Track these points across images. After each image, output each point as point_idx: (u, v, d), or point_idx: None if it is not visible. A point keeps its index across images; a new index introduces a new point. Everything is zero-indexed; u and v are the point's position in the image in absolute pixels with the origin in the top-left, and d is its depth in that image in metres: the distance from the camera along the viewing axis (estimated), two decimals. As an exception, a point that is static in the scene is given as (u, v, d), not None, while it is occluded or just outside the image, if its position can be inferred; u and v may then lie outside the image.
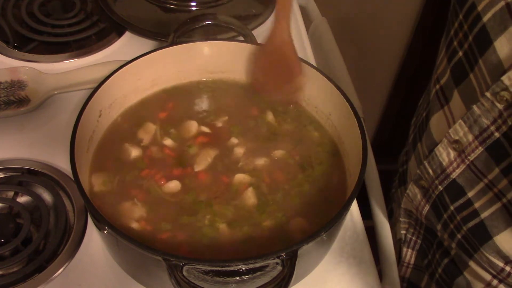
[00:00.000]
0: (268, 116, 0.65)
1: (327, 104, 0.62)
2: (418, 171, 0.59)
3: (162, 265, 0.43)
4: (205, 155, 0.60)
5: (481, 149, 0.49)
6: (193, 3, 0.83)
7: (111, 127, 0.62)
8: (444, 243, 0.61)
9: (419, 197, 0.60)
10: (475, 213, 0.52)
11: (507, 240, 0.50)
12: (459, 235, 0.55)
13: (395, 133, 1.49)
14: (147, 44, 0.80)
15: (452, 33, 0.53)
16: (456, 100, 0.52)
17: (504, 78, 0.44)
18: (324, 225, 0.46)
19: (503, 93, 0.44)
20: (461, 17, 0.50)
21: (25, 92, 0.71)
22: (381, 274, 0.63)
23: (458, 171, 0.53)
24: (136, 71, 0.62)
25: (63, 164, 0.63)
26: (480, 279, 0.56)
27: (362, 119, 0.56)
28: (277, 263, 0.44)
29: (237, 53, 0.65)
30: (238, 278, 0.44)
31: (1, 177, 0.61)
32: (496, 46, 0.45)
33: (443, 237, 0.60)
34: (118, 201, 0.55)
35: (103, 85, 0.58)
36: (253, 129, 0.63)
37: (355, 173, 0.52)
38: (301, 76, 0.63)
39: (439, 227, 0.59)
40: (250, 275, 0.44)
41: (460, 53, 0.51)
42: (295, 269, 0.44)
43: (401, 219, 0.68)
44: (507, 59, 0.44)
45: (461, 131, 0.50)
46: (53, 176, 0.61)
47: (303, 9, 0.95)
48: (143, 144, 0.60)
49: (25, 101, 0.70)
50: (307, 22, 0.93)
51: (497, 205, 0.50)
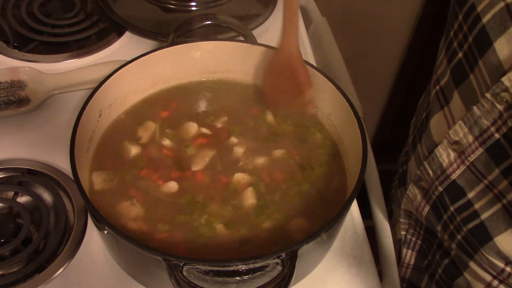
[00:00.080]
0: (268, 116, 0.64)
1: (327, 104, 0.62)
2: (418, 172, 0.59)
3: (162, 265, 0.43)
4: (203, 155, 0.60)
5: (481, 150, 0.49)
6: (193, 3, 0.83)
7: (111, 127, 0.62)
8: (444, 243, 0.61)
9: (419, 198, 0.60)
10: (475, 214, 0.52)
11: (507, 241, 0.50)
12: (459, 236, 0.55)
13: (395, 133, 1.49)
14: (147, 44, 0.80)
15: (451, 34, 0.53)
16: (456, 101, 0.52)
17: (504, 79, 0.44)
18: (324, 225, 0.46)
19: (503, 94, 0.44)
20: (460, 18, 0.50)
21: (25, 92, 0.71)
22: (381, 274, 0.63)
23: (458, 172, 0.53)
24: (136, 71, 0.62)
25: (63, 164, 0.63)
26: (480, 279, 0.56)
27: (362, 119, 0.56)
28: (277, 263, 0.44)
29: (237, 53, 0.65)
30: (238, 278, 0.44)
31: (1, 177, 0.61)
32: (496, 47, 0.45)
33: (443, 238, 0.60)
34: (117, 200, 0.55)
35: (103, 85, 0.58)
36: (253, 129, 0.63)
37: (355, 173, 0.52)
38: (311, 89, 0.61)
39: (439, 228, 0.59)
40: (250, 275, 0.44)
41: (460, 54, 0.51)
42: (295, 269, 0.44)
43: (401, 220, 0.68)
44: (507, 60, 0.44)
45: (461, 132, 0.50)
46: (53, 176, 0.61)
47: (303, 9, 0.95)
48: (141, 141, 0.60)
49: (25, 101, 0.70)
50: (307, 22, 0.93)
51: (497, 206, 0.50)
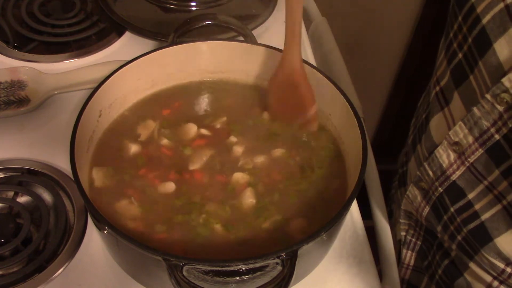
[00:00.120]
0: (268, 116, 0.64)
1: (327, 104, 0.62)
2: (418, 172, 0.58)
3: (162, 265, 0.43)
4: (201, 154, 0.59)
5: (481, 151, 0.49)
6: (193, 3, 0.83)
7: (111, 127, 0.62)
8: (444, 244, 0.61)
9: (419, 198, 0.60)
10: (476, 215, 0.52)
11: (508, 241, 0.50)
12: (459, 237, 0.55)
13: (395, 133, 1.49)
14: (147, 44, 0.80)
15: (451, 35, 0.53)
16: (456, 102, 0.52)
17: (504, 80, 0.44)
18: (324, 225, 0.46)
19: (503, 95, 0.44)
20: (460, 19, 0.50)
21: (25, 92, 0.71)
22: (381, 274, 0.63)
23: (458, 173, 0.53)
24: (136, 71, 0.62)
25: (63, 164, 0.63)
26: (480, 280, 0.56)
27: (362, 119, 0.56)
28: (277, 263, 0.44)
29: (237, 53, 0.65)
30: (238, 278, 0.44)
31: (1, 177, 0.61)
32: (495, 48, 0.45)
33: (443, 239, 0.59)
34: (116, 199, 0.55)
35: (103, 85, 0.58)
36: (253, 129, 0.63)
37: (355, 173, 0.52)
38: (314, 106, 0.60)
39: (439, 228, 0.59)
40: (250, 275, 0.44)
41: (459, 55, 0.51)
42: (295, 269, 0.44)
43: (401, 221, 0.68)
44: (507, 61, 0.44)
45: (461, 133, 0.50)
46: (53, 176, 0.61)
47: (303, 9, 0.95)
48: (140, 139, 0.60)
49: (25, 101, 0.70)
50: (307, 22, 0.92)
51: (498, 207, 0.50)
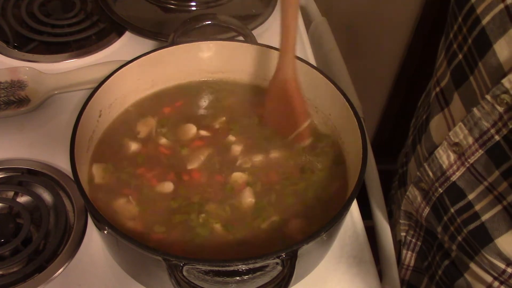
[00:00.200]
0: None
1: (327, 104, 0.62)
2: (418, 173, 0.58)
3: (162, 265, 0.43)
4: (199, 154, 0.59)
5: (481, 152, 0.49)
6: (193, 3, 0.83)
7: (111, 127, 0.62)
8: (444, 245, 0.61)
9: (419, 199, 0.60)
10: (476, 216, 0.52)
11: (508, 242, 0.50)
12: (459, 238, 0.55)
13: (395, 133, 1.49)
14: (147, 44, 0.80)
15: (451, 35, 0.53)
16: (456, 102, 0.52)
17: (504, 81, 0.44)
18: (324, 225, 0.46)
19: (503, 96, 0.44)
20: (460, 20, 0.50)
21: (25, 92, 0.71)
22: (381, 274, 0.63)
23: (458, 174, 0.53)
24: (136, 71, 0.62)
25: (63, 164, 0.63)
26: (481, 280, 0.56)
27: (362, 119, 0.56)
28: (277, 263, 0.44)
29: (237, 53, 0.65)
30: (238, 278, 0.44)
31: (1, 177, 0.61)
32: (495, 49, 0.45)
33: (443, 239, 0.59)
34: (115, 197, 0.55)
35: (103, 85, 0.58)
36: (252, 129, 0.63)
37: (355, 173, 0.52)
38: (307, 121, 0.59)
39: (439, 229, 0.59)
40: (250, 275, 0.44)
41: (459, 56, 0.51)
42: (295, 269, 0.44)
43: (401, 221, 0.68)
44: (507, 62, 0.44)
45: (461, 133, 0.50)
46: (53, 176, 0.61)
47: (303, 9, 0.95)
48: (139, 136, 0.61)
49: (25, 101, 0.70)
50: (307, 22, 0.93)
51: (498, 208, 0.50)
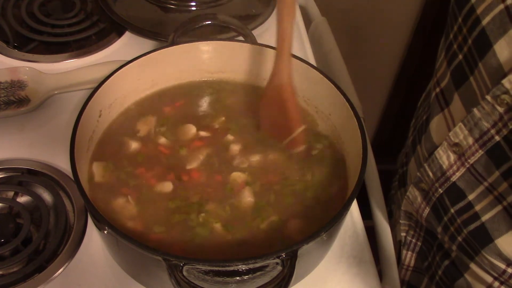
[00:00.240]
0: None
1: (327, 104, 0.62)
2: (418, 173, 0.58)
3: (162, 265, 0.43)
4: (198, 153, 0.59)
5: (481, 152, 0.49)
6: (193, 3, 0.83)
7: (111, 127, 0.62)
8: (444, 245, 0.61)
9: (419, 199, 0.60)
10: (476, 216, 0.52)
11: (508, 242, 0.50)
12: (459, 238, 0.55)
13: (395, 133, 1.49)
14: (147, 44, 0.80)
15: (451, 36, 0.53)
16: (456, 103, 0.52)
17: (504, 81, 0.44)
18: (324, 225, 0.46)
19: (503, 97, 0.44)
20: (460, 20, 0.50)
21: (25, 92, 0.71)
22: (381, 274, 0.63)
23: (458, 174, 0.53)
24: (136, 71, 0.62)
25: (63, 164, 0.63)
26: (481, 281, 0.56)
27: (362, 119, 0.56)
28: (277, 263, 0.44)
29: (237, 53, 0.65)
30: (238, 278, 0.44)
31: (1, 177, 0.61)
32: (496, 49, 0.45)
33: (443, 240, 0.59)
34: (114, 196, 0.55)
35: (103, 85, 0.58)
36: (251, 129, 0.63)
37: (355, 173, 0.52)
38: (300, 128, 0.58)
39: (439, 229, 0.59)
40: (250, 275, 0.44)
41: (460, 56, 0.51)
42: (295, 269, 0.44)
43: (401, 221, 0.68)
44: (507, 63, 0.44)
45: (461, 134, 0.50)
46: (53, 176, 0.61)
47: (303, 9, 0.95)
48: (139, 134, 0.61)
49: (25, 101, 0.70)
50: (307, 22, 0.93)
51: (498, 208, 0.50)
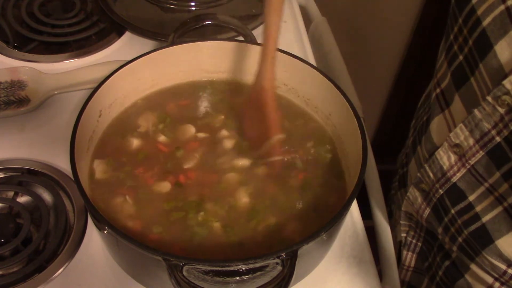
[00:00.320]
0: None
1: (327, 104, 0.62)
2: (418, 174, 0.58)
3: (162, 265, 0.43)
4: (196, 153, 0.59)
5: (482, 153, 0.49)
6: (193, 3, 0.83)
7: (111, 126, 0.62)
8: (445, 246, 0.61)
9: (419, 200, 0.60)
10: (477, 217, 0.52)
11: (509, 243, 0.50)
12: (460, 239, 0.55)
13: (395, 133, 1.49)
14: (147, 44, 0.80)
15: (451, 37, 0.53)
16: (456, 104, 0.52)
17: (505, 82, 0.44)
18: (324, 225, 0.46)
19: (504, 97, 0.44)
20: (460, 21, 0.50)
21: (25, 92, 0.71)
22: (381, 274, 0.63)
23: (458, 175, 0.52)
24: (136, 71, 0.62)
25: (63, 164, 0.63)
26: (481, 281, 0.56)
27: (362, 119, 0.56)
28: (277, 263, 0.44)
29: (237, 53, 0.65)
30: (238, 278, 0.44)
31: (1, 177, 0.61)
32: (496, 50, 0.45)
33: (444, 240, 0.59)
34: (114, 195, 0.55)
35: (103, 85, 0.58)
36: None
37: (355, 173, 0.52)
38: (278, 135, 0.56)
39: (440, 230, 0.59)
40: (250, 275, 0.44)
41: (460, 57, 0.51)
42: (295, 269, 0.44)
43: (402, 222, 0.68)
44: (508, 63, 0.44)
45: (462, 135, 0.50)
46: (53, 176, 0.61)
47: (303, 9, 0.95)
48: (140, 130, 0.61)
49: (25, 101, 0.70)
50: (307, 22, 0.92)
51: (499, 209, 0.50)
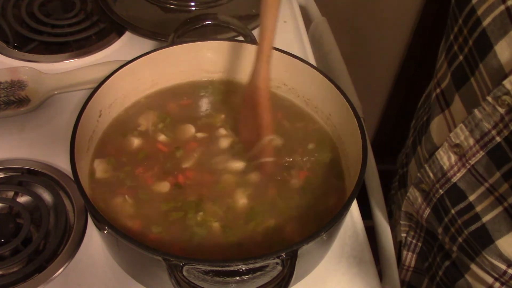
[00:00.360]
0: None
1: (327, 104, 0.62)
2: (418, 174, 0.58)
3: (162, 265, 0.43)
4: (195, 153, 0.59)
5: (482, 153, 0.49)
6: (193, 3, 0.83)
7: (111, 126, 0.62)
8: (445, 246, 0.61)
9: (419, 200, 0.60)
10: (477, 217, 0.52)
11: (509, 243, 0.50)
12: (460, 239, 0.55)
13: (395, 133, 1.49)
14: (147, 44, 0.80)
15: (452, 37, 0.53)
16: (457, 104, 0.52)
17: (505, 82, 0.44)
18: (324, 225, 0.46)
19: (504, 97, 0.44)
20: (460, 21, 0.50)
21: (25, 92, 0.71)
22: (381, 274, 0.63)
23: (459, 175, 0.52)
24: (136, 71, 0.62)
25: (63, 164, 0.63)
26: (481, 281, 0.56)
27: (362, 119, 0.56)
28: (277, 263, 0.44)
29: (237, 53, 0.65)
30: (238, 278, 0.44)
31: (1, 177, 0.61)
32: (496, 50, 0.45)
33: (444, 240, 0.59)
34: (113, 196, 0.55)
35: (103, 85, 0.58)
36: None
37: (355, 173, 0.52)
38: (270, 136, 0.56)
39: (440, 230, 0.59)
40: (250, 275, 0.44)
41: (460, 57, 0.51)
42: (295, 269, 0.44)
43: (402, 222, 0.68)
44: (508, 64, 0.44)
45: (462, 135, 0.50)
46: (53, 176, 0.61)
47: (303, 9, 0.95)
48: (140, 128, 0.61)
49: (25, 101, 0.70)
50: (307, 22, 0.92)
51: (499, 209, 0.50)
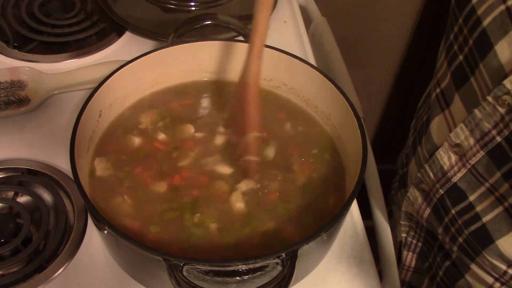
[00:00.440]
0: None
1: (327, 104, 0.62)
2: (418, 174, 0.58)
3: (162, 265, 0.43)
4: (194, 153, 0.59)
5: (482, 153, 0.49)
6: (193, 3, 0.83)
7: (111, 126, 0.62)
8: (445, 246, 0.61)
9: (420, 200, 0.60)
10: (477, 217, 0.52)
11: (509, 243, 0.50)
12: (460, 239, 0.55)
13: (395, 133, 1.49)
14: (147, 44, 0.80)
15: (452, 37, 0.53)
16: (457, 104, 0.52)
17: (505, 82, 0.44)
18: (324, 225, 0.46)
19: (505, 97, 0.44)
20: (460, 21, 0.50)
21: (25, 92, 0.71)
22: (381, 274, 0.63)
23: (459, 175, 0.52)
24: (136, 71, 0.62)
25: (63, 164, 0.63)
26: (482, 282, 0.56)
27: (362, 119, 0.56)
28: (277, 263, 0.44)
29: (237, 53, 0.65)
30: (238, 278, 0.44)
31: (1, 177, 0.61)
32: (497, 50, 0.45)
33: (444, 240, 0.59)
34: (113, 196, 0.55)
35: (103, 85, 0.58)
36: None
37: (355, 173, 0.52)
38: (255, 132, 0.55)
39: (440, 230, 0.59)
40: (250, 275, 0.44)
41: (460, 57, 0.51)
42: (295, 269, 0.44)
43: (402, 222, 0.68)
44: (508, 63, 0.44)
45: (462, 135, 0.50)
46: (53, 176, 0.61)
47: (303, 9, 0.95)
48: (141, 126, 0.61)
49: (25, 101, 0.70)
50: (307, 22, 0.93)
51: (499, 209, 0.50)
